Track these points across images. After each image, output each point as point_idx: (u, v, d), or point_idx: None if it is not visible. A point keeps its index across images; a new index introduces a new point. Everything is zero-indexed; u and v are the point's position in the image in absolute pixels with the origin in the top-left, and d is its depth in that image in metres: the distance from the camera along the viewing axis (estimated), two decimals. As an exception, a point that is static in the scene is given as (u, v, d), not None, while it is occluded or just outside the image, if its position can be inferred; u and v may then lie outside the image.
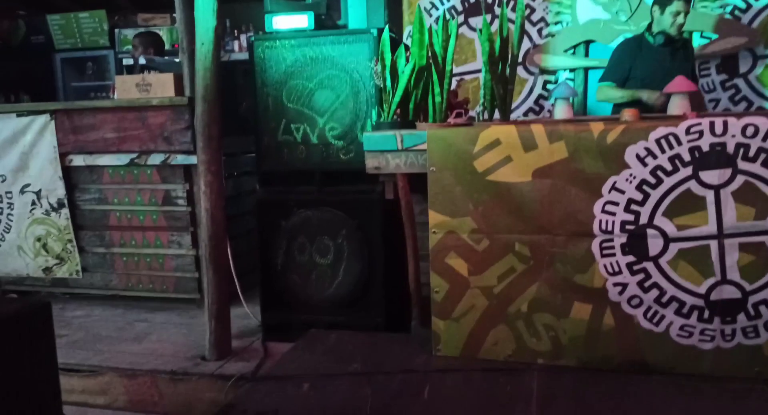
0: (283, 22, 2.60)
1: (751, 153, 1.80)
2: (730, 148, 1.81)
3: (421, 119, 2.29)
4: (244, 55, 4.53)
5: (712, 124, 1.83)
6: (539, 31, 4.03)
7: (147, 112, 3.08)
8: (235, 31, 5.49)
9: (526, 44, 4.05)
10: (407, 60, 2.26)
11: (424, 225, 2.18)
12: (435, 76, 2.20)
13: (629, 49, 3.21)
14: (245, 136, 3.01)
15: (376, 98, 2.50)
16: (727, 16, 3.71)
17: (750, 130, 1.79)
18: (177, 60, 3.54)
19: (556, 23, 3.98)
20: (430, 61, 2.19)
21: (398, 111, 2.32)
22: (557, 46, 3.97)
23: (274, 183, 2.80)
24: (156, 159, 3.13)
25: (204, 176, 2.47)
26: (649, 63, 3.10)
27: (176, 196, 3.19)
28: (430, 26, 2.20)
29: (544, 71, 4.04)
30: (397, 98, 2.25)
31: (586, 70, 3.99)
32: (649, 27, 3.17)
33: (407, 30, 3.98)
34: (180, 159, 3.09)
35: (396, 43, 2.33)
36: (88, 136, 3.18)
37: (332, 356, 2.30)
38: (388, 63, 2.27)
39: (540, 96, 4.04)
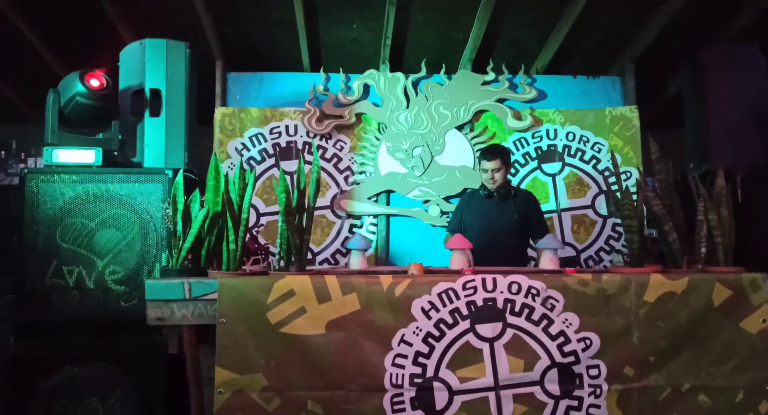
0: (66, 156, 2.40)
1: (517, 308, 1.98)
2: (500, 303, 1.98)
3: (215, 266, 2.18)
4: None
5: (483, 281, 2.00)
6: (346, 178, 4.30)
7: None
8: (22, 153, 4.98)
9: (333, 190, 4.28)
10: (202, 204, 2.19)
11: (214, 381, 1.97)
12: (230, 223, 2.14)
13: (461, 202, 3.54)
14: (6, 275, 2.58)
15: (168, 241, 2.34)
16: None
17: (514, 287, 1.99)
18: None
19: (361, 173, 4.30)
20: (226, 207, 2.15)
21: (190, 257, 2.19)
22: (362, 193, 4.25)
23: (36, 334, 2.38)
24: None
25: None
26: (475, 212, 3.36)
27: None
28: (227, 174, 2.19)
29: (350, 215, 4.26)
30: (187, 244, 2.13)
31: (388, 216, 4.29)
32: None
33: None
34: None
35: (197, 184, 2.25)
36: None
37: None
38: (180, 207, 2.17)
39: (346, 238, 4.20)
